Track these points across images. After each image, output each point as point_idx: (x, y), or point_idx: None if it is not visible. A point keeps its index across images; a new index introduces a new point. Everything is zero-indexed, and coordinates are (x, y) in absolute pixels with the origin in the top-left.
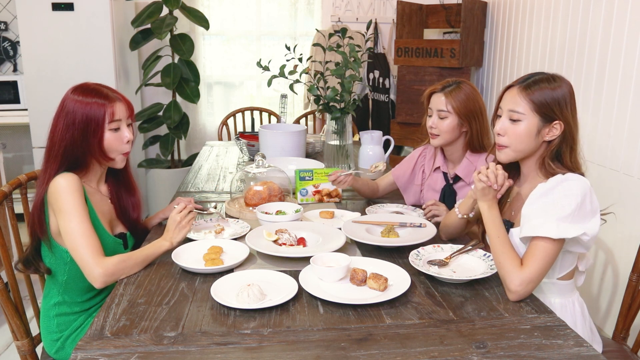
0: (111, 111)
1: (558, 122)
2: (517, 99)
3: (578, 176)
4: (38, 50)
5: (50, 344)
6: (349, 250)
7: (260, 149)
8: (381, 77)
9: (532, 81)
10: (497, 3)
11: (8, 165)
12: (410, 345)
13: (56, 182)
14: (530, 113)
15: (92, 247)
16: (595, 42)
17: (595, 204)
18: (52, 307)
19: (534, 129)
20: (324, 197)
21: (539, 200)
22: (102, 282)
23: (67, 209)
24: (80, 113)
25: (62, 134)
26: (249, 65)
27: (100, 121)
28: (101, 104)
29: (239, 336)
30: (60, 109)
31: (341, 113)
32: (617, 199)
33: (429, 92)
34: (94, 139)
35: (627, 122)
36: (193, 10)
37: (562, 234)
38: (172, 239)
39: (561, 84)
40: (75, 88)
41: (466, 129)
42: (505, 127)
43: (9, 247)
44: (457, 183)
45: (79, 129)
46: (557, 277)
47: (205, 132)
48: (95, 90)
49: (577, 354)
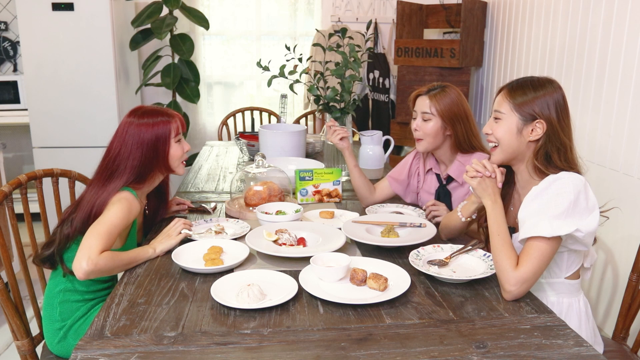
0: (176, 126)
1: (539, 122)
2: (500, 100)
3: (571, 174)
4: (38, 50)
5: (52, 334)
6: (349, 250)
7: (260, 149)
8: (381, 77)
9: (516, 83)
10: (497, 3)
11: (8, 165)
12: (410, 345)
13: (121, 195)
14: (510, 112)
15: (102, 244)
16: (595, 42)
17: (592, 201)
18: (57, 293)
19: (513, 127)
20: (324, 197)
21: (533, 202)
22: (85, 273)
23: (112, 212)
24: (149, 133)
25: (131, 154)
26: (249, 65)
27: (167, 136)
28: (167, 121)
29: (239, 336)
30: (123, 133)
31: (341, 113)
32: (617, 199)
33: (414, 95)
34: (162, 154)
35: (627, 122)
36: (193, 10)
37: (555, 232)
38: (156, 246)
39: (547, 85)
40: (134, 112)
41: (450, 133)
42: (491, 126)
43: (9, 247)
44: (450, 184)
45: (149, 148)
46: (565, 276)
47: (205, 132)
48: (157, 111)
49: (577, 354)
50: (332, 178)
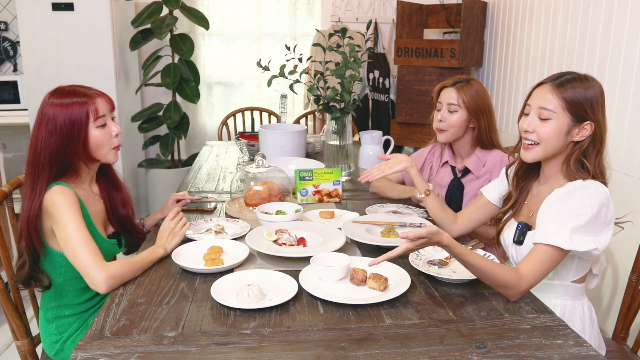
0: (94, 108)
1: (589, 123)
2: (548, 96)
3: (597, 184)
4: (38, 50)
5: (49, 346)
6: (349, 250)
7: (260, 149)
8: (381, 77)
9: (565, 79)
10: (497, 3)
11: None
12: (410, 345)
13: (52, 195)
14: (562, 111)
15: (92, 253)
16: (595, 42)
17: (610, 215)
18: (50, 310)
19: (564, 128)
20: (324, 197)
21: (555, 204)
22: (107, 286)
23: (64, 219)
24: (61, 117)
25: (45, 142)
26: (249, 65)
27: (84, 121)
28: (82, 102)
29: (239, 336)
30: (39, 118)
31: (341, 113)
32: (616, 199)
33: (439, 87)
34: (78, 141)
35: (627, 122)
36: (193, 10)
37: (574, 247)
38: (166, 245)
39: (593, 84)
40: (51, 93)
41: (474, 125)
42: (534, 124)
43: (8, 247)
44: (466, 177)
45: (62, 134)
46: (572, 279)
47: (205, 132)
48: (73, 91)
49: (577, 354)
50: (332, 178)
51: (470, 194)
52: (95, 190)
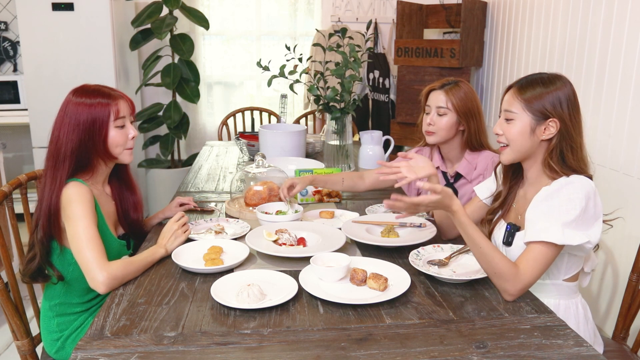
0: (116, 109)
1: (553, 120)
2: (511, 99)
3: (581, 178)
4: (38, 50)
5: (50, 344)
6: (349, 250)
7: (260, 149)
8: (381, 77)
9: (526, 81)
10: (497, 3)
11: (8, 165)
12: (410, 345)
13: (68, 190)
14: (522, 112)
15: (97, 252)
16: (595, 42)
17: (599, 208)
18: (53, 307)
19: (527, 128)
20: (324, 197)
21: (543, 203)
22: (107, 286)
23: (76, 215)
24: (85, 114)
25: (67, 137)
26: (249, 65)
27: (105, 120)
28: (105, 103)
29: (239, 336)
30: (62, 113)
31: (341, 113)
32: (617, 199)
33: (427, 89)
34: (99, 138)
35: (627, 122)
36: (193, 10)
37: (567, 241)
38: (167, 246)
39: (557, 82)
40: (75, 90)
41: (463, 128)
42: (502, 127)
43: (8, 247)
44: (458, 181)
45: (84, 130)
46: (563, 278)
47: (205, 132)
48: (97, 90)
49: (577, 354)
50: None
51: (465, 198)
52: (107, 191)
